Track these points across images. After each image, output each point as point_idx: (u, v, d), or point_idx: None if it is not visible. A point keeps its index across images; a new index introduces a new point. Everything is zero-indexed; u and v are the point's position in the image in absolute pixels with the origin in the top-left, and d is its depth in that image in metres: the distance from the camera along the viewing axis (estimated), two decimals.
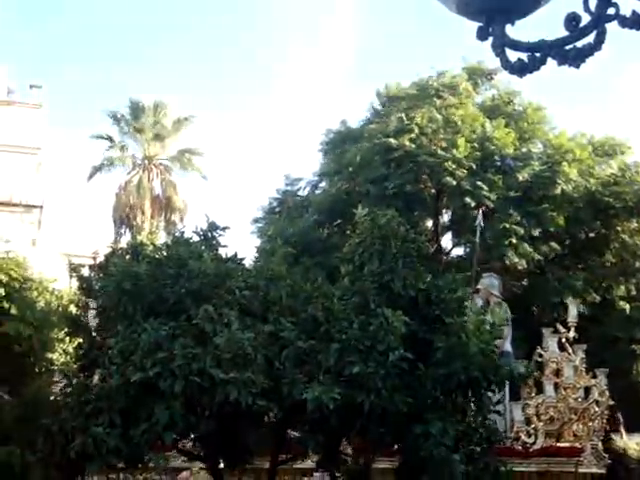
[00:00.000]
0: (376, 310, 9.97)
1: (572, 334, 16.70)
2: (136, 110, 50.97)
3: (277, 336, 9.79)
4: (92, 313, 19.07)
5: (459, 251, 27.76)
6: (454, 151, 23.16)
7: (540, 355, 16.26)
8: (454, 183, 22.92)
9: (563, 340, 16.60)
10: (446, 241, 27.81)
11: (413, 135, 23.40)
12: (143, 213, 48.02)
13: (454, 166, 22.90)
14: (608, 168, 26.07)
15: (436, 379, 9.98)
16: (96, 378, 9.58)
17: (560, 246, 25.07)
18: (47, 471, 11.52)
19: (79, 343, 11.13)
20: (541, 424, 15.76)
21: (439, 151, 23.06)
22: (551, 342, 16.45)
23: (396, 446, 10.99)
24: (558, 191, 24.27)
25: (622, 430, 19.62)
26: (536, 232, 24.10)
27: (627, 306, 24.77)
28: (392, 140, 23.28)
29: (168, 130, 51.18)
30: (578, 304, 18.16)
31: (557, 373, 16.33)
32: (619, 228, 25.50)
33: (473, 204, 22.78)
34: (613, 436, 18.98)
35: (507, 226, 23.40)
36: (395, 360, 9.63)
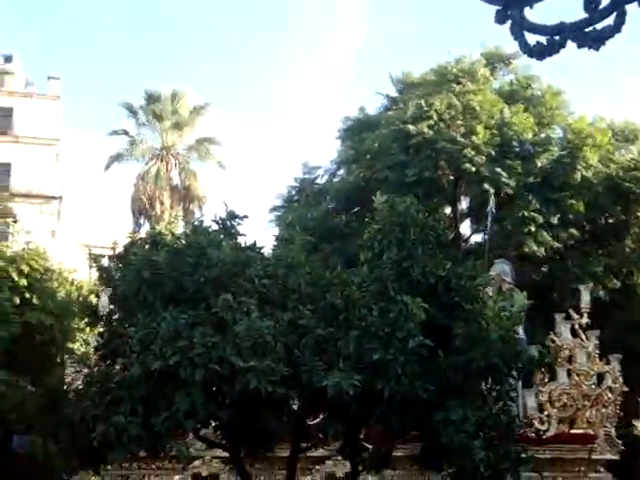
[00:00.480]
0: (395, 297, 9.95)
1: (585, 320, 16.63)
2: (152, 100, 51.05)
3: (296, 324, 9.79)
4: (106, 302, 19.21)
5: (478, 238, 27.68)
6: (473, 137, 23.05)
7: (552, 341, 16.19)
8: (473, 169, 22.81)
9: (576, 326, 16.54)
10: (464, 228, 27.75)
11: (431, 122, 23.30)
12: (162, 203, 48.16)
13: (473, 152, 22.80)
14: (628, 153, 25.88)
15: (456, 366, 9.95)
16: (117, 367, 9.60)
17: (579, 232, 24.93)
18: (69, 460, 11.62)
19: (99, 332, 11.16)
20: (554, 411, 15.74)
21: (458, 137, 22.95)
22: (564, 328, 16.38)
23: (416, 433, 10.99)
24: (578, 177, 24.12)
25: None
26: (555, 219, 23.98)
27: None
28: (410, 126, 23.19)
29: (185, 119, 51.23)
30: (591, 290, 18.02)
31: (570, 359, 16.26)
32: (639, 213, 25.33)
33: (492, 191, 22.68)
34: (634, 422, 18.94)
35: (526, 214, 23.30)
36: (415, 347, 9.62)
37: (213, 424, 10.76)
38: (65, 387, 11.27)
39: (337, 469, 15.12)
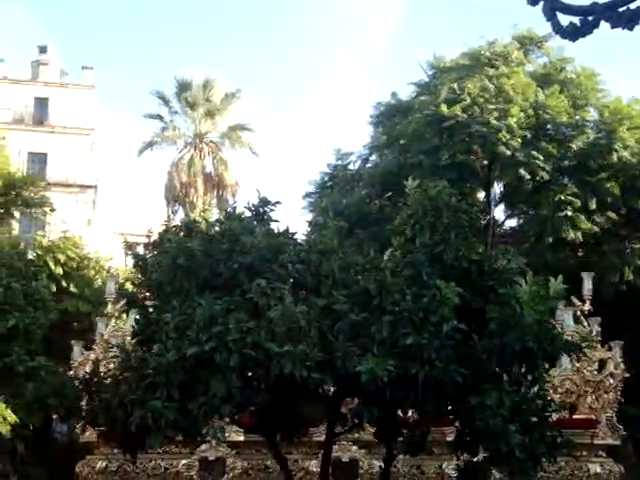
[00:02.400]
0: (428, 282, 9.94)
1: (587, 307, 16.73)
2: (185, 88, 51.23)
3: (330, 309, 9.82)
4: (114, 288, 19.33)
5: (512, 223, 27.53)
6: (507, 120, 22.86)
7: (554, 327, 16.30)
8: (508, 153, 22.63)
9: (578, 313, 16.61)
10: (498, 212, 27.61)
11: (465, 105, 23.15)
12: (195, 191, 48.44)
13: (508, 136, 22.61)
14: None
15: (491, 350, 9.93)
16: (153, 353, 9.69)
17: (616, 215, 24.68)
18: (108, 445, 11.78)
19: (135, 319, 11.28)
20: (557, 397, 15.71)
21: (492, 120, 22.76)
22: (566, 315, 16.39)
23: (450, 417, 11.01)
24: (614, 159, 23.85)
25: None
26: (592, 203, 23.74)
27: None
28: (445, 110, 23.05)
29: (217, 107, 51.39)
30: (593, 277, 18.04)
31: None
32: None
33: (528, 175, 22.53)
34: None
35: (562, 198, 23.10)
36: (449, 331, 9.61)
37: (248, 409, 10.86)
38: (102, 373, 11.38)
39: (342, 454, 15.23)
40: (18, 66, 51.89)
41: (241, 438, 15.25)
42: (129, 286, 24.76)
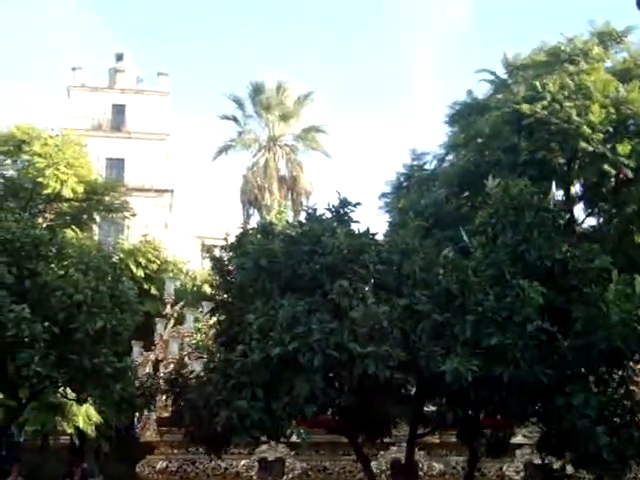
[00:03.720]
0: (511, 281, 9.84)
1: None
2: (258, 91, 51.67)
3: (412, 309, 9.81)
4: (172, 290, 19.54)
5: (592, 221, 27.02)
6: (588, 117, 22.43)
7: None
8: (590, 149, 22.20)
9: None
10: (577, 211, 27.12)
11: (545, 102, 22.79)
12: (270, 194, 48.79)
13: (590, 131, 22.18)
14: None
15: (576, 350, 9.78)
16: (237, 353, 9.80)
17: None
18: (193, 444, 11.97)
19: (219, 320, 11.44)
20: None
21: (573, 116, 22.36)
22: None
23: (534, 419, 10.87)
24: None
25: None
26: None
27: None
28: (524, 107, 22.72)
29: (291, 109, 51.70)
30: None
31: None
32: None
33: (613, 171, 22.04)
34: None
35: None
36: (533, 331, 9.50)
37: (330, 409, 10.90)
38: (187, 373, 11.57)
39: (401, 455, 15.13)
40: (96, 74, 53.07)
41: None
42: (207, 289, 25.12)
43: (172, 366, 16.65)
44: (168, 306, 19.15)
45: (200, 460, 15.95)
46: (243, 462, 15.67)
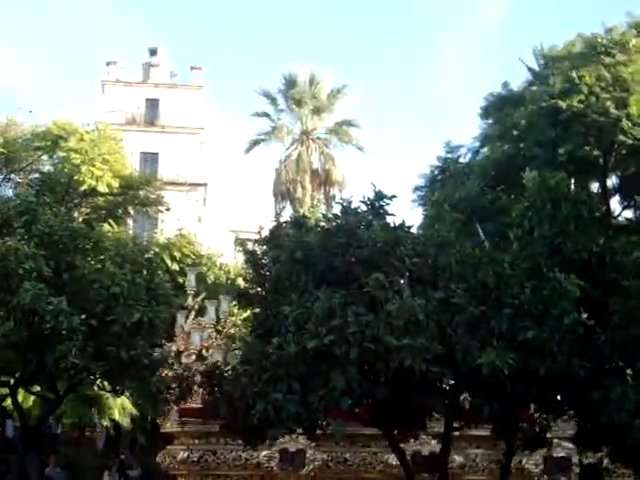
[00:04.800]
0: (548, 274, 9.77)
1: None
2: (291, 85, 51.73)
3: (448, 302, 9.76)
4: (194, 280, 19.57)
5: (628, 214, 26.75)
6: (626, 109, 22.15)
7: None
8: (629, 142, 21.94)
9: None
10: (613, 203, 26.86)
11: (582, 96, 22.55)
12: (303, 187, 48.87)
13: (628, 124, 21.92)
14: None
15: (614, 343, 9.71)
16: (273, 346, 9.83)
17: None
18: (230, 436, 12.03)
19: (254, 313, 11.48)
20: None
21: (611, 109, 22.10)
22: None
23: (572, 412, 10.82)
24: None
25: None
26: None
27: None
28: (560, 101, 22.51)
29: (324, 103, 51.71)
30: None
31: None
32: None
33: None
34: None
35: None
36: (570, 324, 9.44)
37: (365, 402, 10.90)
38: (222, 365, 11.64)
39: (422, 447, 15.08)
40: (129, 68, 53.41)
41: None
42: (241, 282, 25.20)
43: (193, 357, 16.84)
44: (190, 297, 19.17)
45: (221, 451, 16.00)
46: (264, 453, 15.60)
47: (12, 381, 16.14)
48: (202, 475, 16.22)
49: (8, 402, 18.18)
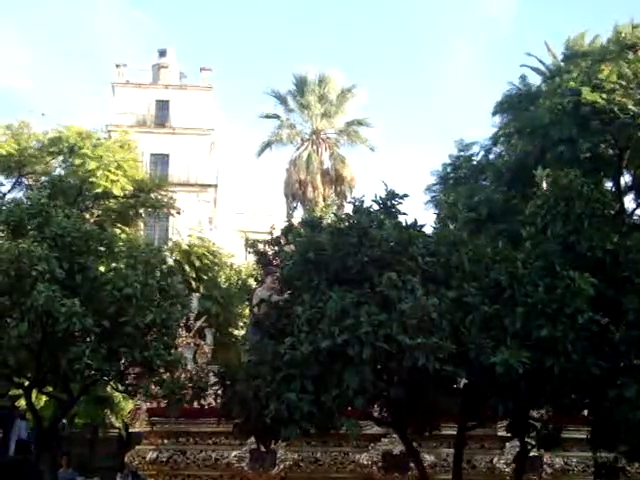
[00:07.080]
0: (562, 273, 9.72)
1: None
2: (301, 85, 51.78)
3: (461, 301, 9.73)
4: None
5: None
6: None
7: None
8: None
9: None
10: (627, 201, 26.72)
11: (601, 92, 22.37)
12: (314, 187, 48.89)
13: None
14: None
15: (628, 341, 9.65)
16: (285, 346, 9.82)
17: None
18: (242, 436, 12.01)
19: (266, 313, 11.47)
20: None
21: (630, 106, 21.90)
22: None
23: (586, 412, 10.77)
24: None
25: None
26: None
27: None
28: (579, 98, 22.33)
29: (334, 103, 51.73)
30: None
31: None
32: None
33: None
34: None
35: None
36: (584, 323, 9.40)
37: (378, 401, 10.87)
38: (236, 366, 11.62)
39: (393, 447, 14.99)
40: (139, 70, 53.57)
41: None
42: (252, 282, 25.24)
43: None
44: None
45: (191, 451, 15.88)
46: (234, 453, 15.48)
47: (26, 383, 16.20)
48: (171, 475, 16.00)
49: (22, 403, 18.24)
